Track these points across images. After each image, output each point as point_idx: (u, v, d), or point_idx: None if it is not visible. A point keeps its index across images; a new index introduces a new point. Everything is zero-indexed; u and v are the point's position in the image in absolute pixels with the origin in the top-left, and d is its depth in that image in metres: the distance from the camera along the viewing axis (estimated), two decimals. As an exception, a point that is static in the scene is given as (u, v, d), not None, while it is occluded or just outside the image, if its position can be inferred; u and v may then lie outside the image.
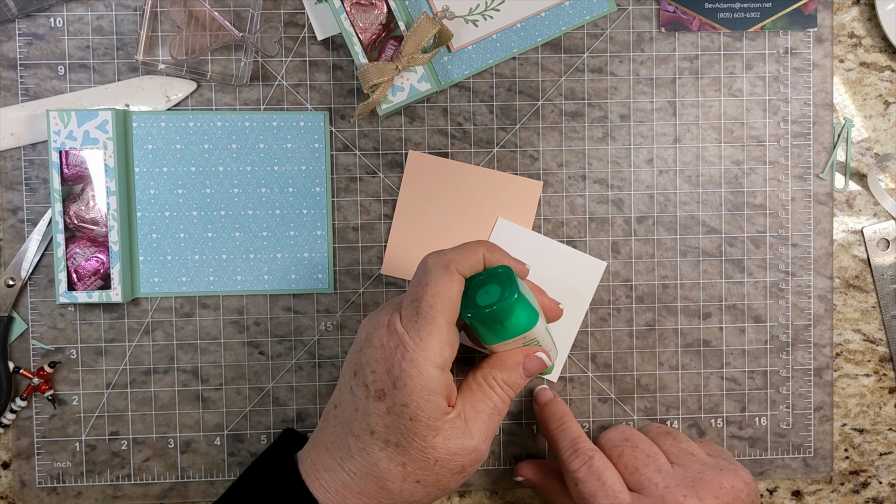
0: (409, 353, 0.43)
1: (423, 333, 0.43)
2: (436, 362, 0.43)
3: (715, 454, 0.53)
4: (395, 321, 0.44)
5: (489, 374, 0.47)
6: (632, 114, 0.58)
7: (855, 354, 0.60)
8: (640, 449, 0.51)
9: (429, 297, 0.43)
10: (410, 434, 0.44)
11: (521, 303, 0.45)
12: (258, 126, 0.56)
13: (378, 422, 0.44)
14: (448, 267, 0.44)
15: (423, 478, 0.45)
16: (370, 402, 0.44)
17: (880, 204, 0.59)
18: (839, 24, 0.58)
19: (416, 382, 0.43)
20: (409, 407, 0.43)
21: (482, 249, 0.46)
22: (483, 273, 0.46)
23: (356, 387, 0.45)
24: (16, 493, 0.57)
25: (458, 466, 0.45)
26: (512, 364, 0.47)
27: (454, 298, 0.44)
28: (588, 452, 0.51)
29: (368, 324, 0.46)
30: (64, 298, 0.54)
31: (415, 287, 0.44)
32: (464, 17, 0.57)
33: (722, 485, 0.49)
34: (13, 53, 0.56)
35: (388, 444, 0.44)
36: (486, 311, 0.45)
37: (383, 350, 0.44)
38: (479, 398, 0.46)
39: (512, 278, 0.45)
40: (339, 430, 0.46)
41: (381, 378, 0.44)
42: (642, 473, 0.50)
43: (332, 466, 0.45)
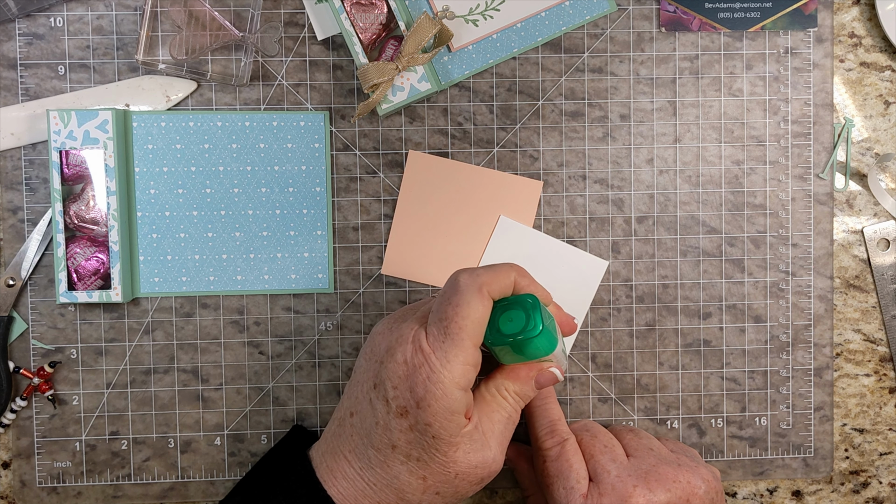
0: (434, 374, 0.43)
1: (450, 355, 0.43)
2: (460, 384, 0.43)
3: (678, 451, 0.54)
4: (421, 338, 0.44)
5: (502, 386, 0.47)
6: (632, 114, 0.58)
7: (855, 354, 0.60)
8: (598, 438, 0.52)
9: (459, 318, 0.43)
10: (432, 450, 0.44)
11: (543, 334, 0.45)
12: (258, 126, 0.56)
13: (400, 437, 0.44)
14: (481, 289, 0.44)
15: (443, 490, 0.45)
16: (391, 418, 0.44)
17: (880, 204, 0.59)
18: (839, 23, 0.58)
19: (441, 404, 0.43)
20: (433, 426, 0.43)
21: (514, 274, 0.45)
22: (509, 298, 0.46)
23: (376, 400, 0.45)
24: (16, 493, 0.57)
25: (478, 478, 0.46)
26: (525, 377, 0.47)
27: (483, 321, 0.44)
28: (563, 435, 0.52)
29: (388, 335, 0.45)
30: (64, 298, 0.54)
31: (444, 305, 0.44)
32: (464, 17, 0.57)
33: (676, 479, 0.49)
34: (13, 53, 0.56)
35: (409, 458, 0.44)
36: (508, 340, 0.45)
37: (406, 367, 0.43)
38: (494, 409, 0.47)
39: (538, 309, 0.45)
40: (357, 440, 0.46)
41: (404, 395, 0.43)
42: (597, 461, 0.50)
43: (351, 475, 0.46)
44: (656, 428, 0.59)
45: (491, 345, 0.45)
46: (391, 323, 0.46)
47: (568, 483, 0.49)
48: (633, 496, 0.48)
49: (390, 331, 0.46)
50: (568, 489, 0.49)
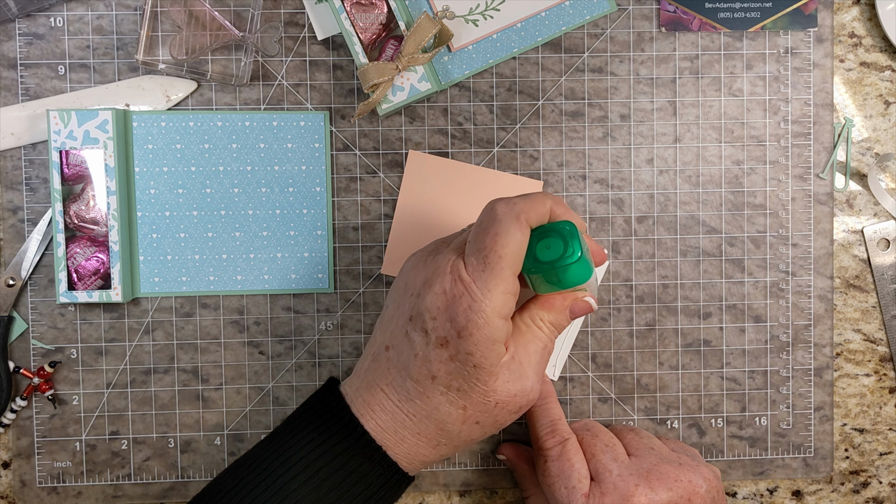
0: (476, 303, 0.43)
1: (491, 284, 0.43)
2: (501, 313, 0.43)
3: (679, 451, 0.54)
4: (460, 268, 0.43)
5: (536, 316, 0.47)
6: (632, 113, 0.58)
7: (855, 354, 0.60)
8: (599, 438, 0.52)
9: (499, 247, 0.43)
10: (472, 380, 0.44)
11: (581, 262, 0.44)
12: (258, 126, 0.56)
13: (440, 368, 0.44)
14: (519, 218, 0.43)
15: (483, 419, 0.45)
16: (431, 349, 0.44)
17: (880, 204, 0.59)
18: (839, 23, 0.58)
19: (483, 333, 0.43)
20: (474, 355, 0.43)
21: (549, 202, 0.45)
22: (546, 226, 0.45)
23: (413, 332, 0.44)
24: (16, 493, 0.57)
25: (516, 407, 0.46)
26: (560, 307, 0.47)
27: (522, 250, 0.44)
28: (564, 435, 0.52)
29: (424, 268, 0.45)
30: (64, 298, 0.54)
31: (482, 235, 0.43)
32: (464, 17, 0.57)
33: (678, 478, 0.49)
34: (13, 53, 0.56)
35: (449, 388, 0.44)
36: (547, 268, 0.44)
37: (446, 297, 0.43)
38: (530, 339, 0.46)
39: (576, 236, 0.44)
40: (394, 373, 0.46)
41: (443, 326, 0.43)
42: (599, 460, 0.50)
43: (389, 407, 0.46)
44: (656, 428, 0.59)
45: (528, 272, 0.45)
46: (424, 256, 0.46)
47: (570, 483, 0.49)
48: (636, 495, 0.48)
49: (425, 264, 0.45)
50: (570, 489, 0.49)
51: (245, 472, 0.46)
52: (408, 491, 0.58)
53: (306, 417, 0.47)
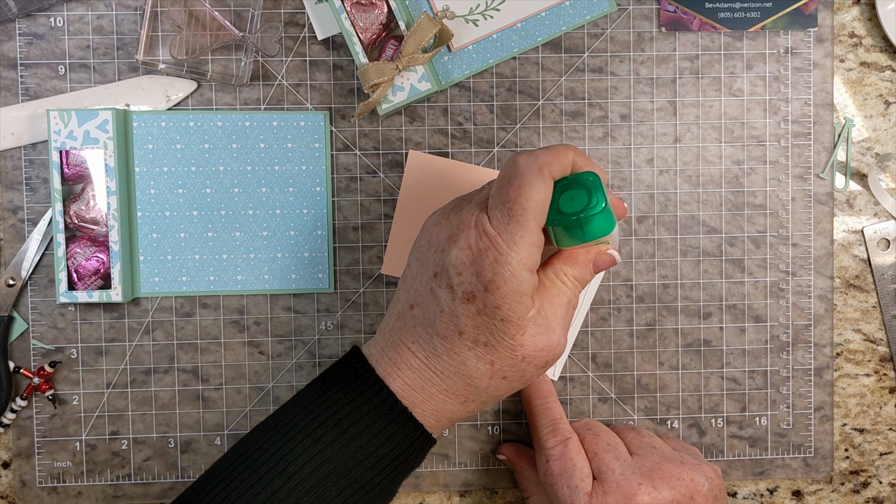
0: (502, 256, 0.42)
1: (516, 237, 0.42)
2: (527, 265, 0.43)
3: (680, 450, 0.54)
4: (484, 222, 0.43)
5: (560, 271, 0.47)
6: (632, 113, 0.58)
7: (855, 354, 0.60)
8: (601, 437, 0.52)
9: (523, 199, 0.42)
10: (500, 333, 0.44)
11: (605, 212, 0.44)
12: (258, 126, 0.56)
13: (467, 323, 0.44)
14: (541, 170, 0.43)
15: (510, 374, 0.45)
16: (457, 304, 0.44)
17: (881, 204, 0.59)
18: (839, 23, 0.58)
19: (510, 286, 0.42)
20: (502, 309, 0.43)
21: (571, 153, 0.45)
22: (569, 178, 0.45)
23: (438, 288, 0.44)
24: (16, 493, 0.57)
25: (543, 361, 0.45)
26: (584, 261, 0.47)
27: (546, 201, 0.43)
28: (566, 434, 0.52)
29: (447, 224, 0.45)
30: (64, 298, 0.54)
31: (505, 188, 0.43)
32: (464, 17, 0.57)
33: (680, 476, 0.49)
34: (13, 53, 0.56)
35: (476, 343, 0.44)
36: (571, 219, 0.44)
37: (471, 252, 0.43)
38: (554, 294, 0.46)
39: (599, 187, 0.44)
40: (420, 330, 0.45)
41: (470, 280, 0.43)
42: (601, 459, 0.50)
43: (417, 365, 0.45)
44: (656, 428, 0.59)
45: (552, 224, 0.45)
46: (446, 213, 0.46)
47: (572, 482, 0.49)
48: (638, 494, 0.48)
49: (448, 219, 0.45)
50: (572, 488, 0.49)
51: (271, 434, 0.46)
52: (408, 491, 0.58)
53: (332, 379, 0.47)
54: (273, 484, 0.44)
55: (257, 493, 0.43)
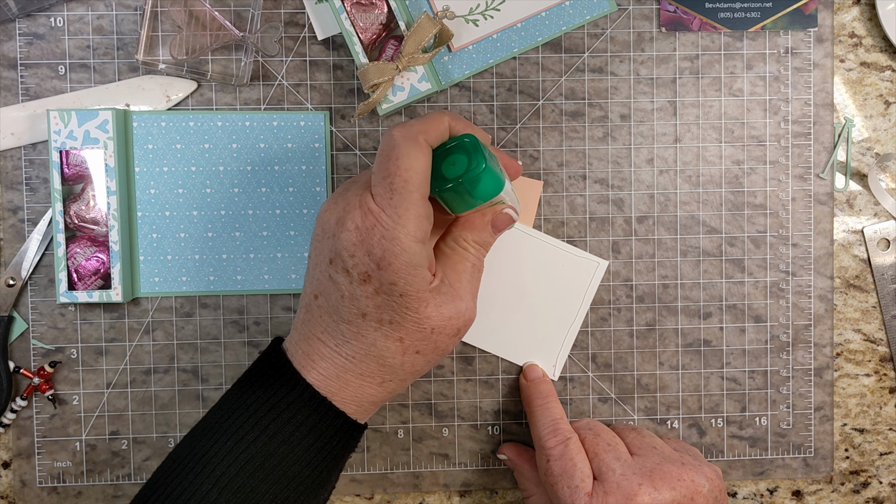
0: (388, 231, 0.42)
1: (401, 210, 0.42)
2: (416, 236, 0.43)
3: (681, 450, 0.54)
4: (368, 200, 0.43)
5: (460, 237, 0.47)
6: (632, 114, 0.58)
7: (855, 354, 0.60)
8: (601, 437, 0.52)
9: (402, 171, 0.42)
10: (403, 309, 0.44)
11: (488, 172, 0.44)
12: (258, 126, 0.56)
13: (368, 303, 0.44)
14: (417, 139, 0.43)
15: (422, 347, 0.45)
16: (355, 286, 0.44)
17: (881, 204, 0.59)
18: (840, 23, 0.58)
19: (401, 260, 0.42)
20: (398, 284, 0.43)
21: (447, 118, 0.45)
22: (447, 143, 0.45)
23: (336, 274, 0.44)
24: (16, 493, 0.57)
25: (454, 329, 0.46)
26: (481, 224, 0.47)
27: (426, 170, 0.43)
28: (566, 434, 0.52)
29: (335, 208, 0.45)
30: (64, 298, 0.54)
31: (384, 163, 0.43)
32: (464, 17, 0.57)
33: (681, 477, 0.49)
34: (13, 53, 0.56)
35: (381, 322, 0.44)
36: (454, 184, 0.44)
37: (359, 232, 0.43)
38: (457, 261, 0.46)
39: (478, 147, 0.44)
40: (327, 318, 0.45)
41: (363, 261, 0.43)
42: (601, 459, 0.50)
43: (328, 354, 0.45)
44: (657, 428, 0.59)
45: (439, 193, 0.45)
46: (335, 197, 0.46)
47: (572, 482, 0.49)
48: (639, 494, 0.48)
49: (336, 203, 0.45)
50: (573, 488, 0.49)
51: (199, 438, 0.46)
52: (408, 491, 0.58)
53: (252, 377, 0.47)
54: (202, 488, 0.44)
55: (188, 499, 0.43)
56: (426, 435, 0.58)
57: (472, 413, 0.58)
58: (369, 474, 0.58)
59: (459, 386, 0.58)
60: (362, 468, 0.58)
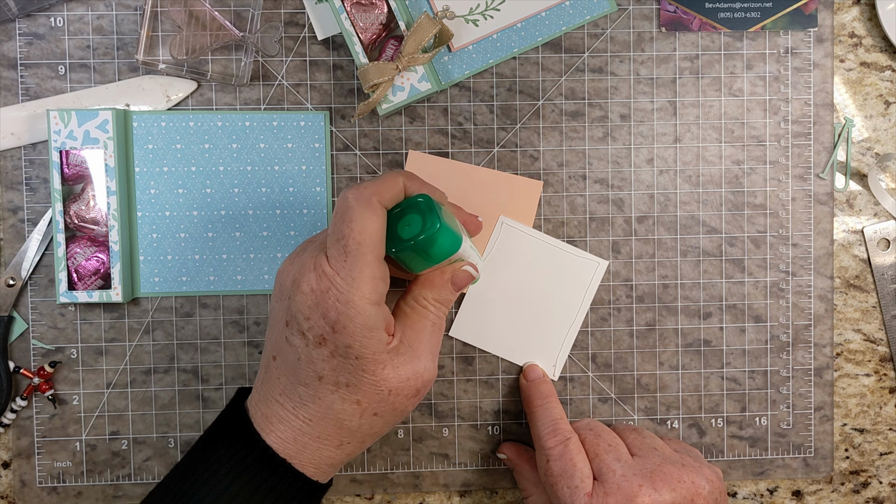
0: (342, 294, 0.42)
1: (355, 272, 0.42)
2: (371, 299, 0.43)
3: (682, 451, 0.54)
4: (323, 263, 0.43)
5: (420, 296, 0.47)
6: (632, 114, 0.58)
7: (855, 354, 0.60)
8: (602, 438, 0.52)
9: (356, 233, 0.42)
10: (359, 371, 0.43)
11: (443, 231, 0.45)
12: (258, 126, 0.56)
13: (324, 366, 0.44)
14: (370, 201, 0.43)
15: (380, 409, 0.45)
16: (311, 349, 0.43)
17: (881, 204, 0.59)
18: (840, 23, 0.58)
19: (356, 323, 0.42)
20: (353, 347, 0.43)
21: (401, 178, 0.45)
22: (403, 203, 0.45)
23: (292, 336, 0.44)
24: (16, 493, 0.57)
25: (412, 390, 0.45)
26: (440, 282, 0.47)
27: (380, 232, 0.43)
28: (566, 434, 0.52)
29: (291, 268, 0.45)
30: (64, 298, 0.54)
31: (339, 225, 0.43)
32: (464, 17, 0.57)
33: (681, 479, 0.49)
34: (13, 53, 0.56)
35: (338, 385, 0.44)
36: (410, 244, 0.44)
37: (314, 295, 0.43)
38: (416, 320, 0.46)
39: (432, 207, 0.45)
40: (284, 380, 0.45)
41: (318, 324, 0.43)
42: (602, 460, 0.50)
43: (286, 416, 0.45)
44: (656, 428, 0.59)
45: (396, 254, 0.45)
46: (292, 258, 0.46)
47: (572, 482, 0.49)
48: (639, 496, 0.48)
49: (292, 264, 0.45)
50: (572, 488, 0.49)
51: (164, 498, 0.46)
52: (408, 491, 0.58)
53: (215, 436, 0.47)
54: None
55: None
56: (426, 435, 0.58)
57: (472, 413, 0.58)
58: (369, 474, 0.58)
59: (459, 386, 0.58)
60: (362, 468, 0.58)
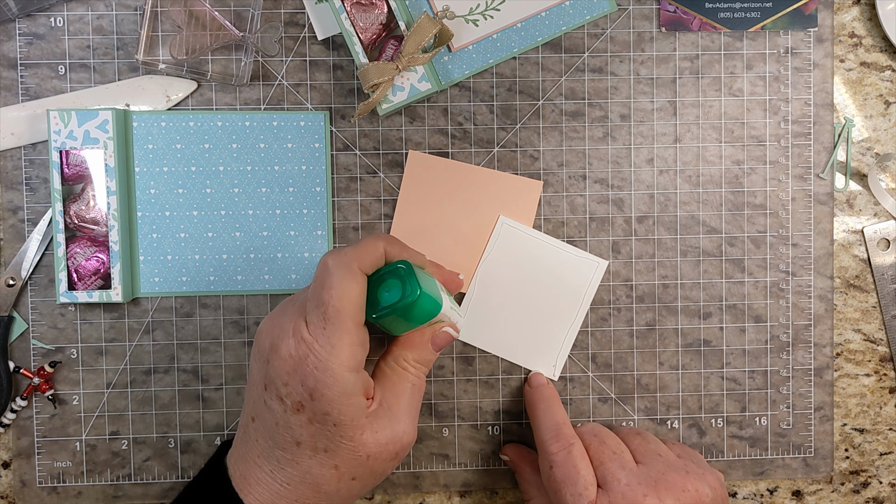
0: (321, 362, 0.42)
1: (334, 339, 0.42)
2: (350, 366, 0.42)
3: (685, 457, 0.53)
4: (302, 329, 0.43)
5: (400, 357, 0.47)
6: (632, 114, 0.58)
7: (855, 354, 0.60)
8: (606, 444, 0.52)
9: (335, 300, 0.42)
10: (337, 438, 0.43)
11: (423, 297, 0.45)
12: (258, 126, 0.56)
13: (302, 432, 0.43)
14: (350, 266, 0.43)
15: (358, 473, 0.45)
16: (289, 415, 0.43)
17: (881, 204, 0.59)
18: (839, 23, 0.58)
19: (334, 390, 0.42)
20: (331, 414, 0.43)
21: (382, 244, 0.45)
22: (383, 269, 0.46)
23: (270, 400, 0.44)
24: (16, 493, 0.57)
25: (391, 454, 0.45)
26: (420, 343, 0.47)
27: (360, 299, 0.43)
28: (569, 439, 0.51)
29: (271, 331, 0.45)
30: (64, 298, 0.54)
31: (318, 291, 0.43)
32: (464, 17, 0.57)
33: (685, 487, 0.49)
34: (13, 53, 0.56)
35: (316, 451, 0.44)
36: (389, 311, 0.45)
37: (293, 361, 0.43)
38: (396, 382, 0.46)
39: (412, 274, 0.45)
40: (262, 443, 0.45)
41: (296, 390, 0.43)
42: (607, 468, 0.50)
43: (264, 479, 0.45)
44: (656, 428, 0.59)
45: (376, 319, 0.45)
46: (272, 319, 0.45)
47: (575, 489, 0.49)
48: None
49: (272, 327, 0.45)
50: (576, 495, 0.49)
51: None
52: (408, 491, 0.58)
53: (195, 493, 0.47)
54: None
55: None
56: (426, 435, 0.58)
57: (473, 413, 0.58)
58: (369, 474, 0.58)
59: (459, 386, 0.58)
60: (362, 468, 0.58)
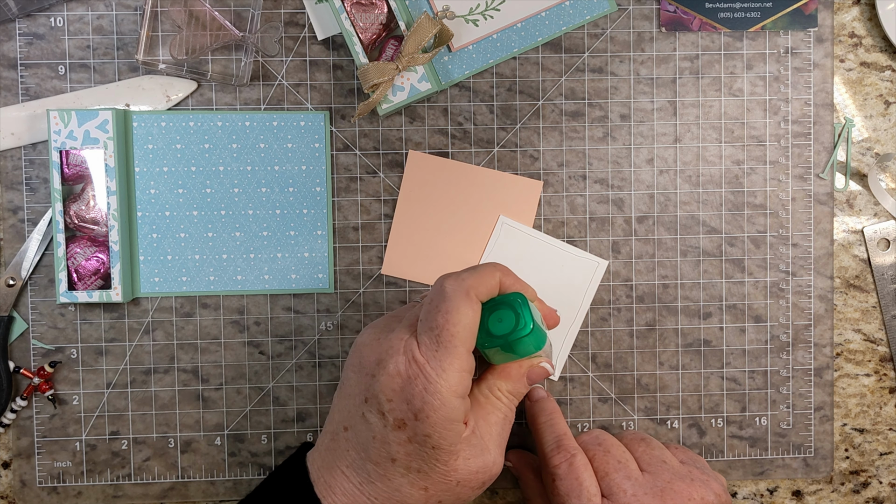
0: (431, 384, 0.42)
1: (445, 363, 0.42)
2: (457, 392, 0.43)
3: (689, 462, 0.53)
4: (413, 349, 0.43)
5: (494, 386, 0.47)
6: (632, 114, 0.58)
7: (855, 354, 0.60)
8: (611, 454, 0.51)
9: (451, 325, 0.42)
10: (432, 461, 0.43)
11: (534, 332, 0.45)
12: (258, 126, 0.56)
13: (399, 450, 0.43)
14: (468, 293, 0.43)
15: (445, 498, 0.45)
16: (389, 431, 0.43)
17: (881, 204, 0.59)
18: (839, 23, 0.58)
19: (440, 414, 0.42)
20: (432, 437, 0.43)
21: (498, 273, 0.45)
22: (496, 298, 0.45)
23: (370, 413, 0.44)
24: (16, 493, 0.57)
25: (479, 483, 0.45)
26: (517, 375, 0.47)
27: (474, 326, 0.43)
28: (571, 451, 0.51)
29: (377, 346, 0.45)
30: (64, 298, 0.54)
31: (433, 313, 0.43)
32: (464, 17, 0.57)
33: (691, 496, 0.49)
34: (13, 53, 0.56)
35: (409, 470, 0.44)
36: (500, 341, 0.45)
37: (401, 379, 0.43)
38: (490, 411, 0.46)
39: (526, 307, 0.45)
40: (353, 454, 0.45)
41: (400, 408, 0.43)
42: (612, 479, 0.50)
43: (350, 490, 0.45)
44: (656, 428, 0.59)
45: (483, 347, 0.45)
46: (377, 333, 0.46)
47: (580, 501, 0.49)
48: None
49: (378, 342, 0.45)
50: None
51: None
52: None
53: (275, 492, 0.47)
54: None
55: None
56: (426, 435, 0.58)
57: (472, 413, 0.58)
58: (369, 474, 0.58)
59: (459, 386, 0.58)
60: (362, 468, 0.58)
